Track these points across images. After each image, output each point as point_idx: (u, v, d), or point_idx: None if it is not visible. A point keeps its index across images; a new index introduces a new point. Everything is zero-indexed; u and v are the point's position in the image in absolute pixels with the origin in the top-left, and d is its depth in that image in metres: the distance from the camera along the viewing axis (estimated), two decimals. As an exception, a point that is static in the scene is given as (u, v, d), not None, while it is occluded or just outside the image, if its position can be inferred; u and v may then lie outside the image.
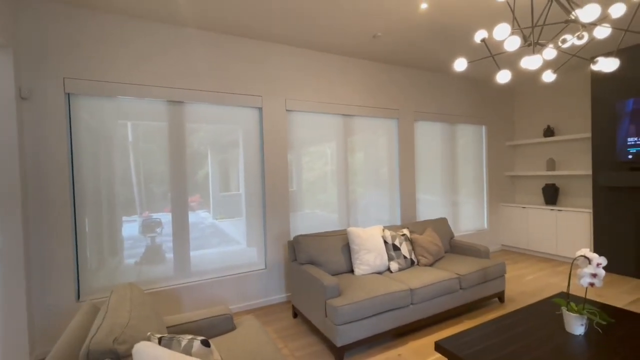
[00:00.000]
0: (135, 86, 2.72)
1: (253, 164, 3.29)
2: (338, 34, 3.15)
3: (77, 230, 2.59)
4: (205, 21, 2.82)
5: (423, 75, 4.38)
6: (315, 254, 2.79)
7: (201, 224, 3.09)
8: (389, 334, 2.42)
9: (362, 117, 3.94)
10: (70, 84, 2.51)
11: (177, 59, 2.89)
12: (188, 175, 3.00)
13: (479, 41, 2.02)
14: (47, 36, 2.45)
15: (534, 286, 3.57)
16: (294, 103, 3.42)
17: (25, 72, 2.38)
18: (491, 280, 3.00)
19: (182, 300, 2.90)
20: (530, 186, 5.21)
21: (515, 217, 5.04)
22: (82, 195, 2.61)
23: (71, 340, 1.30)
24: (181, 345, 1.10)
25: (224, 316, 1.88)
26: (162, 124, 2.88)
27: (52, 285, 2.46)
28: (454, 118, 4.68)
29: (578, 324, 1.78)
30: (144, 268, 2.84)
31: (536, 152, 5.13)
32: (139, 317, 1.44)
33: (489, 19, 2.96)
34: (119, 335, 1.22)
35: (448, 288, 2.69)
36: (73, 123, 2.57)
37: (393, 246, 2.95)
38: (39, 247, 2.42)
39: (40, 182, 2.43)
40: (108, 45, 2.63)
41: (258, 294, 3.25)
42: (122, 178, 2.75)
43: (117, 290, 1.65)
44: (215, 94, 3.04)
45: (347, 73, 3.76)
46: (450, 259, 3.17)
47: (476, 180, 5.01)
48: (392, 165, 4.16)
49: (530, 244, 4.83)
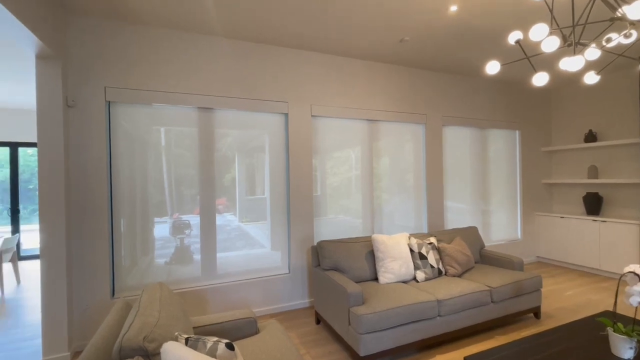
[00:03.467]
0: (169, 94, 2.85)
1: (278, 169, 3.33)
2: (364, 39, 3.14)
3: (113, 231, 2.74)
4: (233, 31, 2.91)
5: (452, 79, 4.25)
6: (339, 260, 2.76)
7: (227, 226, 3.16)
8: (414, 346, 2.34)
9: (387, 122, 3.88)
10: (111, 92, 2.68)
11: (208, 67, 2.99)
12: (216, 178, 3.08)
13: (514, 43, 1.93)
14: (91, 48, 2.63)
15: (573, 302, 3.32)
16: (319, 109, 3.44)
17: (71, 81, 2.57)
18: (526, 294, 2.83)
19: (208, 301, 2.97)
20: (569, 195, 4.89)
21: (552, 227, 4.73)
22: (118, 197, 2.75)
23: (106, 336, 1.36)
24: (206, 347, 1.12)
25: (248, 319, 1.90)
26: (192, 130, 3.00)
27: (89, 283, 2.60)
28: (485, 123, 4.50)
29: (627, 347, 1.63)
30: (173, 268, 2.95)
31: (576, 158, 4.81)
32: (168, 317, 1.48)
33: (523, 20, 2.83)
34: (148, 333, 1.26)
35: (478, 301, 2.56)
36: (112, 129, 2.73)
37: (419, 255, 2.86)
38: (79, 246, 2.58)
39: (81, 185, 2.59)
40: (145, 56, 2.78)
41: (281, 298, 3.26)
42: (155, 180, 2.88)
43: (148, 290, 1.71)
44: (243, 100, 3.12)
45: (373, 78, 3.73)
46: (480, 270, 3.03)
47: (509, 188, 4.77)
48: (418, 171, 4.06)
49: (569, 257, 4.51)
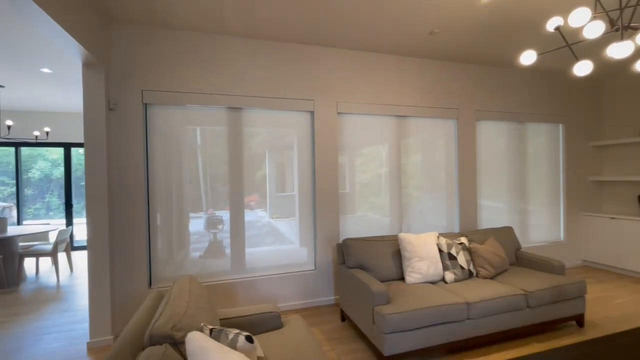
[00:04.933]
0: (200, 95, 2.97)
1: (305, 166, 3.36)
2: (392, 33, 3.07)
3: (150, 225, 2.92)
4: (260, 30, 2.97)
5: (485, 72, 4.03)
6: (364, 259, 2.74)
7: (258, 222, 3.26)
8: (441, 348, 2.27)
9: (417, 118, 3.77)
10: (147, 95, 2.85)
11: (236, 68, 3.08)
12: (245, 176, 3.18)
13: (553, 30, 1.80)
14: (129, 54, 2.81)
15: (623, 312, 3.04)
16: (345, 106, 3.42)
17: (112, 86, 2.77)
18: (567, 300, 2.63)
19: (236, 294, 3.09)
20: (622, 194, 4.46)
21: (601, 228, 4.35)
22: (155, 193, 2.93)
23: (139, 323, 1.46)
24: (228, 338, 1.17)
25: (272, 314, 1.94)
26: (223, 129, 3.11)
27: (129, 273, 2.80)
28: (523, 116, 4.22)
29: (682, 363, 1.47)
30: (206, 261, 3.09)
31: (631, 153, 4.38)
32: (195, 308, 1.56)
33: (561, 5, 2.61)
34: (176, 323, 1.34)
35: (512, 305, 2.43)
36: (149, 129, 2.91)
37: (449, 255, 2.77)
38: (120, 239, 2.78)
39: (122, 182, 2.79)
40: (177, 59, 2.92)
41: (307, 294, 3.30)
42: (189, 178, 3.03)
43: (179, 282, 1.81)
44: (270, 99, 3.18)
45: (401, 73, 3.64)
46: (515, 273, 2.86)
47: (551, 186, 4.45)
48: (450, 168, 3.91)
49: (621, 261, 4.13)
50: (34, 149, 6.46)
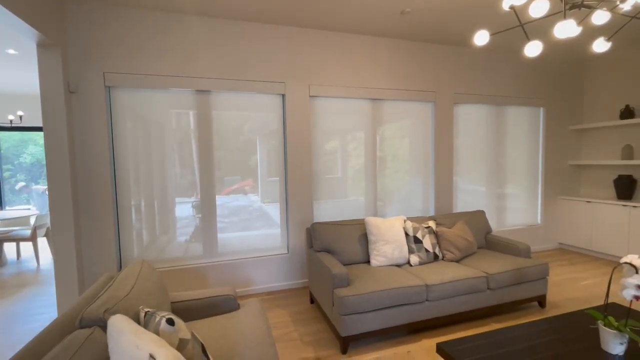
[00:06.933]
0: (166, 77, 2.90)
1: (277, 150, 3.33)
2: (363, 12, 2.97)
3: (119, 209, 2.91)
4: (228, 10, 2.86)
5: (464, 53, 3.94)
6: (330, 242, 2.76)
7: (230, 204, 3.26)
8: (400, 329, 2.32)
9: (393, 101, 3.71)
10: (110, 77, 2.77)
11: (202, 49, 2.99)
12: (215, 161, 3.14)
13: (507, 8, 1.74)
14: (89, 35, 2.71)
15: (589, 293, 3.11)
16: (318, 89, 3.35)
17: (72, 68, 2.68)
18: (529, 282, 2.68)
19: (206, 278, 3.11)
20: (600, 177, 4.48)
21: (577, 212, 4.39)
22: (122, 177, 2.90)
23: (79, 307, 1.47)
24: (155, 321, 1.18)
25: (226, 296, 1.96)
26: (191, 112, 3.05)
27: (98, 257, 2.81)
28: (503, 99, 4.17)
29: (616, 342, 1.51)
30: (176, 245, 3.10)
31: (610, 137, 4.36)
32: (140, 292, 1.57)
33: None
34: (111, 306, 1.34)
35: (472, 287, 2.47)
36: (113, 113, 2.85)
37: (414, 238, 2.79)
38: (87, 223, 2.77)
39: (87, 166, 2.75)
40: (141, 41, 2.83)
41: (279, 277, 3.34)
42: (156, 162, 2.99)
43: (130, 266, 1.81)
44: (237, 81, 3.10)
45: (375, 54, 3.55)
46: (481, 256, 2.90)
47: (529, 170, 4.45)
48: (427, 152, 3.89)
49: (594, 244, 4.19)
50: (24, 134, 6.35)
